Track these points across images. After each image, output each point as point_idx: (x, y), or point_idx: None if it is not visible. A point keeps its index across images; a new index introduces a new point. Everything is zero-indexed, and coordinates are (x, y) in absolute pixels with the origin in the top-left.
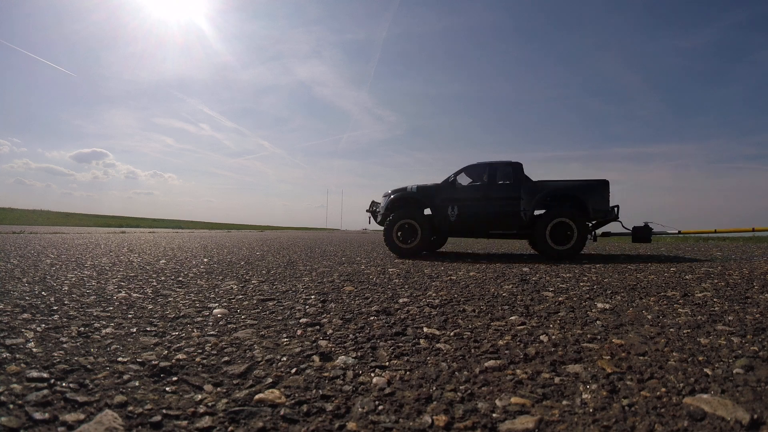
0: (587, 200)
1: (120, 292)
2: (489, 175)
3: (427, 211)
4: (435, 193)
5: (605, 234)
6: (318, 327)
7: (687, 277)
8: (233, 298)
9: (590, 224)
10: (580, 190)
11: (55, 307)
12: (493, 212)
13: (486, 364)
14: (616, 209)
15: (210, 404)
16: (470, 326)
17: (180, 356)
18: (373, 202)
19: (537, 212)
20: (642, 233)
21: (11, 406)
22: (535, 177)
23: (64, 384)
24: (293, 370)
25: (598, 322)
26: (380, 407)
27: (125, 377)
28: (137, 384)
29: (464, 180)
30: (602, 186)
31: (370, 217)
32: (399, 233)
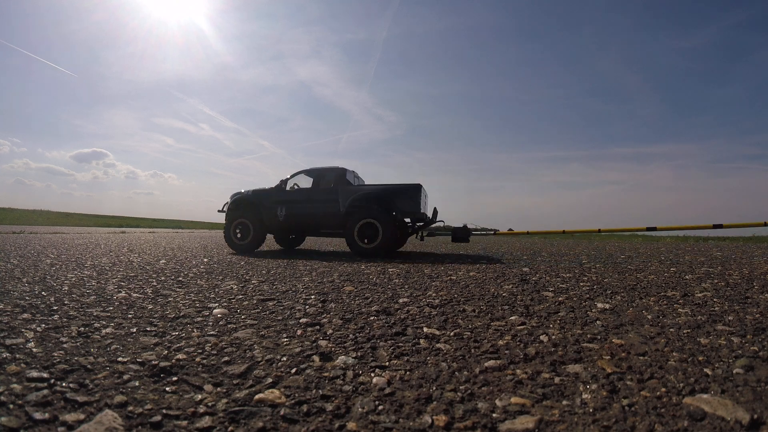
0: (395, 203)
1: (120, 292)
2: (314, 180)
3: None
4: (267, 195)
5: (431, 234)
6: (318, 327)
7: (687, 277)
8: (233, 298)
9: (415, 225)
10: (390, 193)
11: (55, 307)
12: (315, 213)
13: (486, 364)
14: (434, 211)
15: (210, 404)
16: (470, 326)
17: (180, 356)
18: (226, 203)
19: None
20: (460, 234)
21: (11, 406)
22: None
23: (64, 384)
24: (293, 370)
25: (598, 322)
26: (380, 407)
27: (125, 377)
28: (137, 384)
29: (302, 183)
30: (413, 190)
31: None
32: (237, 231)
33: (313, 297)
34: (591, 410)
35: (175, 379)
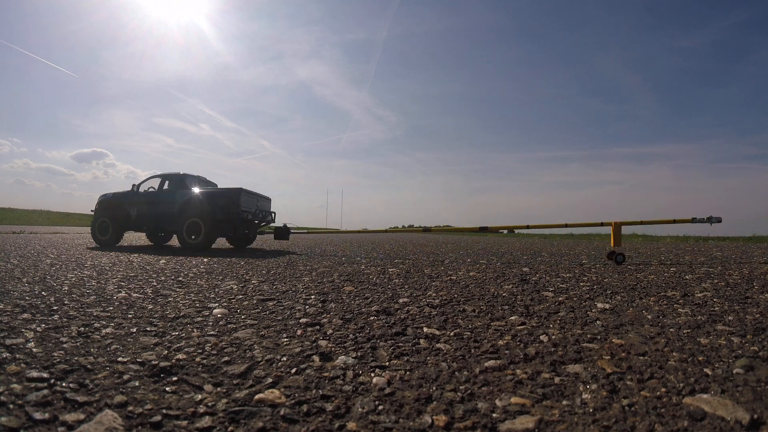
0: (218, 205)
1: (120, 292)
2: (160, 184)
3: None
4: (124, 198)
5: (260, 232)
6: (318, 327)
7: (687, 277)
8: (233, 298)
9: (258, 224)
10: (215, 196)
11: (55, 307)
12: (157, 213)
13: (486, 364)
14: (264, 212)
15: (210, 404)
16: (470, 326)
17: (180, 356)
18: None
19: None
20: (281, 232)
21: (11, 406)
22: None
23: (64, 384)
24: (293, 370)
25: (598, 322)
26: (380, 407)
27: (125, 377)
28: (137, 384)
29: (150, 187)
30: (234, 193)
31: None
32: (101, 229)
33: (313, 297)
34: (591, 410)
35: (175, 379)
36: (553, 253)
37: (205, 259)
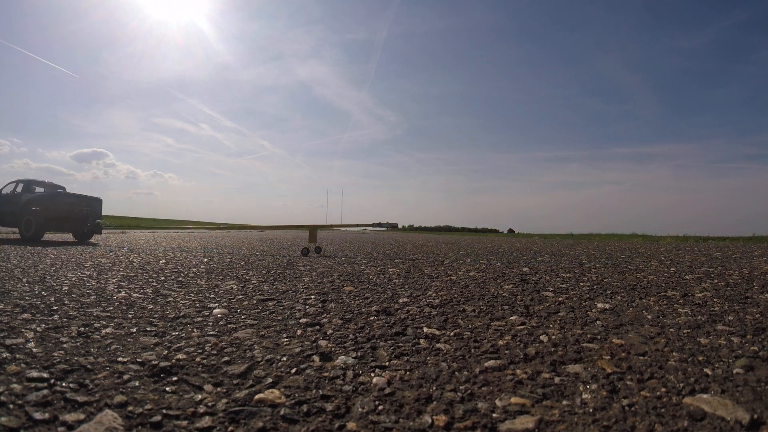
0: (39, 206)
1: (120, 292)
2: (13, 189)
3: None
4: None
5: (88, 231)
6: (318, 327)
7: (687, 277)
8: (233, 298)
9: (85, 221)
10: (40, 199)
11: (55, 307)
12: (10, 212)
13: (486, 364)
14: (92, 212)
15: (210, 404)
16: (470, 326)
17: (180, 356)
18: None
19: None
20: (95, 227)
21: (11, 406)
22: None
23: (64, 384)
24: (293, 370)
25: (598, 322)
26: (380, 407)
27: (125, 377)
28: (137, 384)
29: (19, 189)
30: (51, 196)
31: None
32: None
33: (313, 297)
34: (591, 410)
35: (175, 379)
36: (553, 253)
37: (205, 260)
